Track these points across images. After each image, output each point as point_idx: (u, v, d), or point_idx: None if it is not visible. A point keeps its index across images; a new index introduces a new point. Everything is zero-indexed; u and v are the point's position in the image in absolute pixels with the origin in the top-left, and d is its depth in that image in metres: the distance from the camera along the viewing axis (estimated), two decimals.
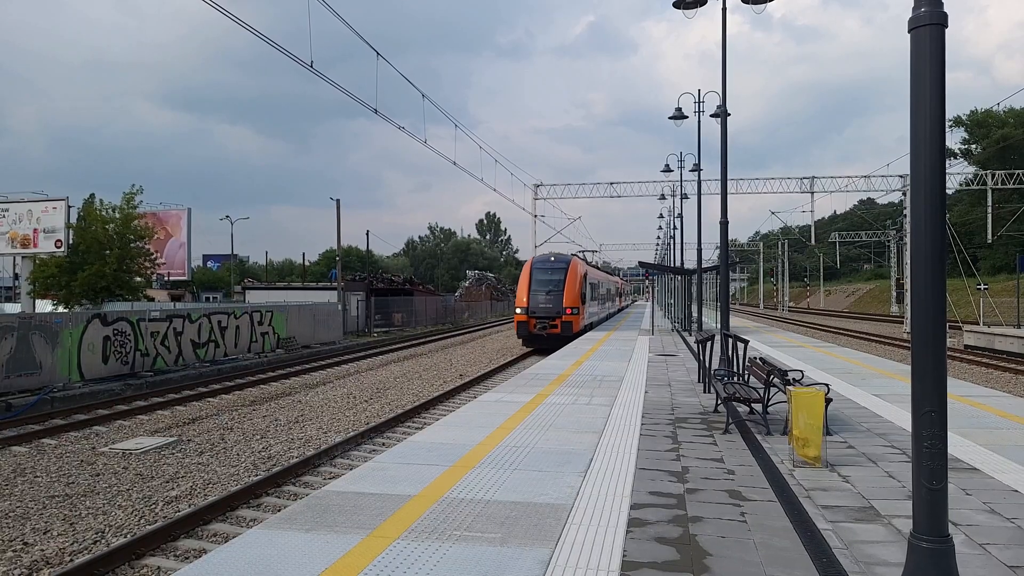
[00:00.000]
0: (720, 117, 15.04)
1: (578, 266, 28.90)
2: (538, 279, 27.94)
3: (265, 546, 4.80)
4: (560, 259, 29.21)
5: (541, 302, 27.04)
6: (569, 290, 27.19)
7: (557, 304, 26.91)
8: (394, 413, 14.76)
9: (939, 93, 3.39)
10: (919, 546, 3.44)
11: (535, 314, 26.85)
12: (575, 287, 27.51)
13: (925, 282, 3.44)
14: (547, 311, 26.90)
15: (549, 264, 28.81)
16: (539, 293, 27.31)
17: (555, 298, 27.00)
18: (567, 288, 27.20)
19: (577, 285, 27.64)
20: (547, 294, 27.21)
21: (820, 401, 7.05)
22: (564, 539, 4.95)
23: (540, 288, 27.52)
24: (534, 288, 27.56)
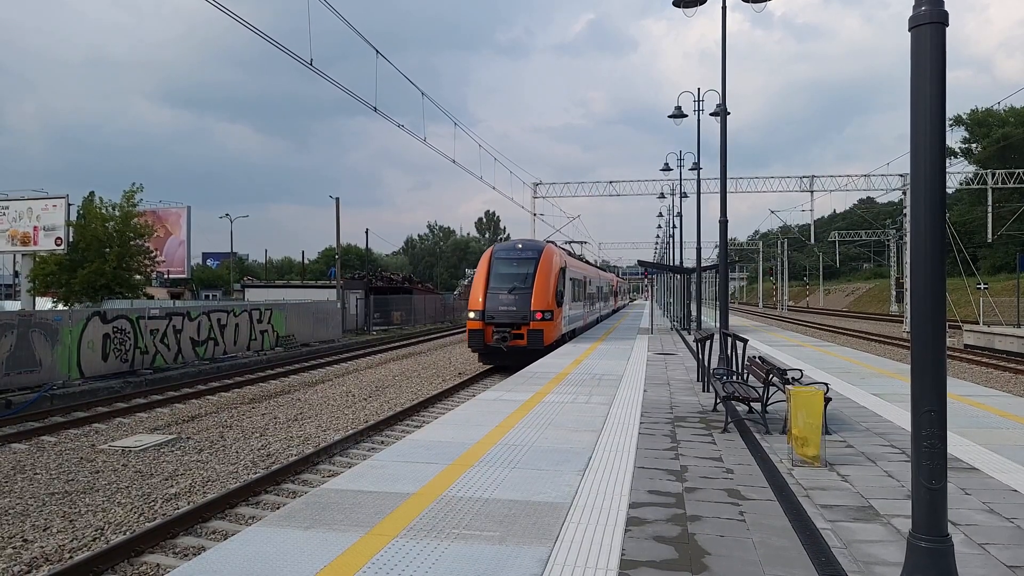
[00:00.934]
0: (720, 116, 15.03)
1: (553, 256, 22.24)
2: (499, 273, 21.59)
3: (264, 544, 4.80)
4: (530, 247, 22.64)
5: (502, 304, 20.70)
6: (540, 288, 20.84)
7: (523, 306, 20.47)
8: (393, 411, 14.76)
9: (939, 92, 3.39)
10: (918, 545, 3.44)
11: (493, 320, 20.43)
12: (548, 284, 21.16)
13: (925, 281, 3.44)
14: (509, 316, 20.41)
15: (514, 254, 22.26)
16: (499, 292, 20.98)
17: (521, 298, 20.67)
18: (538, 285, 20.88)
19: (551, 281, 21.31)
20: (510, 293, 20.83)
21: (819, 400, 7.05)
22: (563, 537, 4.95)
23: (501, 285, 21.21)
24: (493, 286, 21.20)
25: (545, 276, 21.21)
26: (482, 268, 21.97)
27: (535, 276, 21.05)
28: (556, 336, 21.47)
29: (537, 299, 20.59)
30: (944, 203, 3.47)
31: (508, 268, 21.80)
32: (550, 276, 21.38)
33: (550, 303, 20.88)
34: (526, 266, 21.56)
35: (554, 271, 21.68)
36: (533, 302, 20.54)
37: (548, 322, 20.61)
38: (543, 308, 20.54)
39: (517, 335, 20.27)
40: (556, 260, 22.32)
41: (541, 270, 21.27)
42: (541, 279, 21.05)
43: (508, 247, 23.03)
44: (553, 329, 21.02)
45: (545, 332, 20.37)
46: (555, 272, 21.73)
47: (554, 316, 21.01)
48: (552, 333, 20.91)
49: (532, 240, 24.89)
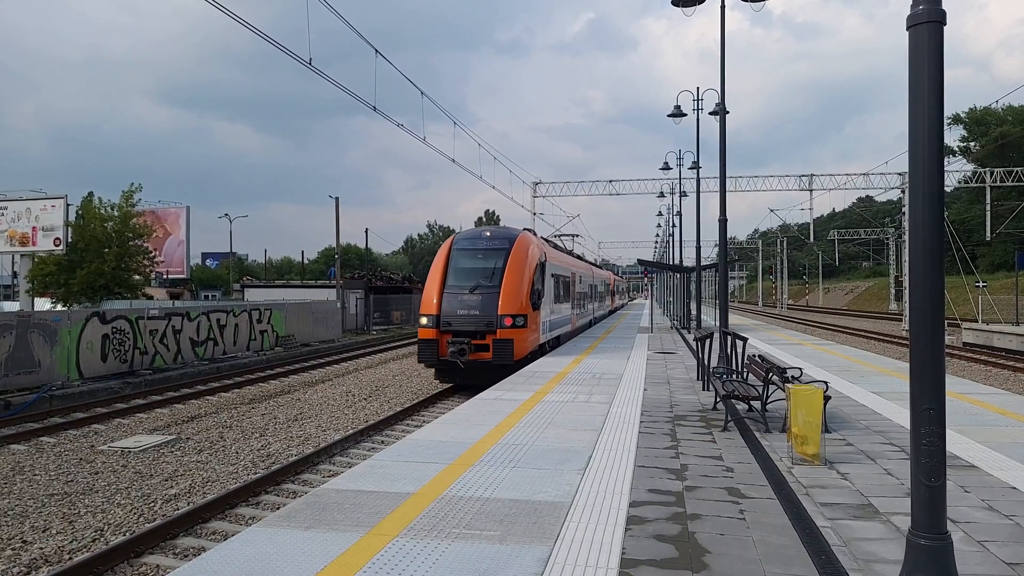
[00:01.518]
0: (719, 115, 15.04)
1: (529, 248, 18.04)
2: (460, 268, 17.56)
3: (264, 544, 4.80)
4: (499, 235, 18.44)
5: (462, 306, 16.61)
6: (511, 286, 16.75)
7: (488, 309, 16.42)
8: (393, 411, 14.76)
9: (938, 90, 3.39)
10: (917, 543, 3.45)
11: (450, 327, 16.38)
12: (522, 281, 17.02)
13: (923, 280, 3.44)
14: (471, 321, 16.39)
15: (480, 244, 18.17)
16: (459, 292, 16.88)
17: (486, 300, 16.58)
18: (508, 283, 16.78)
19: (526, 278, 17.18)
20: (473, 293, 16.79)
21: (819, 399, 7.06)
22: (563, 537, 4.95)
23: (462, 283, 17.13)
24: (452, 284, 17.16)
25: (518, 271, 17.04)
26: (439, 261, 17.75)
27: (505, 271, 16.92)
28: (532, 346, 17.38)
29: (507, 300, 16.47)
30: (942, 201, 3.48)
31: (471, 261, 17.68)
32: (524, 271, 17.20)
33: (524, 305, 16.74)
34: (494, 259, 17.41)
35: (530, 265, 17.57)
36: (502, 304, 16.38)
37: (520, 329, 16.37)
38: (514, 312, 16.40)
39: (480, 346, 16.21)
40: (533, 252, 18.12)
41: (513, 264, 17.13)
42: (513, 275, 16.89)
43: (472, 235, 18.77)
44: (527, 338, 16.88)
45: (516, 342, 16.20)
46: (531, 266, 17.63)
47: (529, 321, 16.82)
48: (526, 343, 16.83)
49: (503, 227, 20.04)
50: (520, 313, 16.59)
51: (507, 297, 16.58)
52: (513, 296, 16.67)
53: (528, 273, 17.39)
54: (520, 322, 16.50)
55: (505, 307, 16.45)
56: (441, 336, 16.43)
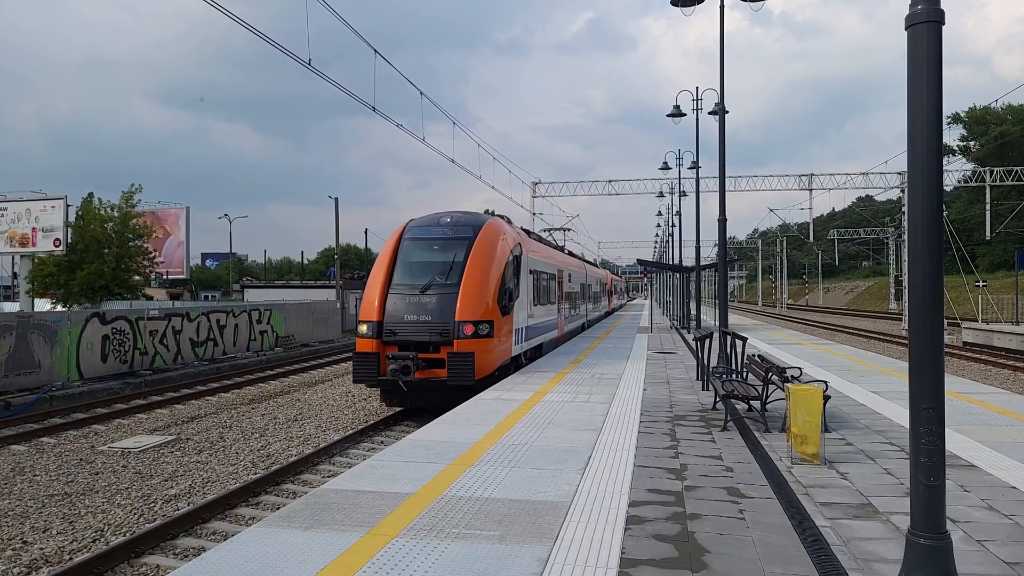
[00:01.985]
0: (718, 115, 15.04)
1: (500, 238, 14.73)
2: (410, 262, 14.33)
3: (264, 544, 4.80)
4: (462, 222, 14.97)
5: (410, 311, 13.39)
6: (474, 285, 13.54)
7: (443, 314, 13.22)
8: (393, 411, 14.76)
9: (936, 90, 3.39)
10: (917, 543, 3.45)
11: (395, 336, 13.19)
12: (489, 279, 13.84)
13: (923, 279, 3.44)
14: (421, 330, 13.20)
15: (437, 232, 14.86)
16: (407, 293, 13.65)
17: (441, 302, 13.39)
18: (470, 281, 13.54)
19: (494, 275, 14.00)
20: (424, 294, 13.53)
21: (818, 398, 7.06)
22: (563, 537, 4.95)
23: (411, 281, 13.89)
24: (399, 283, 13.92)
25: (483, 267, 13.77)
26: (385, 255, 14.53)
27: (466, 267, 13.65)
28: (501, 359, 14.05)
29: (467, 303, 13.19)
30: (941, 200, 3.48)
31: (425, 253, 14.42)
32: (492, 267, 13.91)
33: (490, 309, 13.47)
34: (453, 250, 14.11)
35: (500, 259, 14.27)
36: (461, 307, 13.11)
37: (484, 340, 13.14)
38: (477, 317, 13.14)
39: (432, 361, 12.89)
40: (505, 244, 14.77)
41: (477, 257, 13.84)
42: (476, 271, 13.63)
43: (428, 222, 15.19)
44: (494, 350, 13.57)
45: (479, 356, 12.84)
46: (501, 261, 14.32)
47: (496, 329, 13.59)
48: (492, 356, 13.51)
49: (468, 212, 15.85)
50: (484, 319, 13.23)
51: (468, 299, 13.23)
52: (476, 297, 13.33)
53: (497, 269, 14.04)
54: (484, 330, 13.17)
55: (465, 311, 13.09)
56: (384, 348, 13.08)
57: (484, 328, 13.23)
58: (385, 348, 13.16)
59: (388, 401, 14.20)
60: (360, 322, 13.68)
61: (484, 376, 13.20)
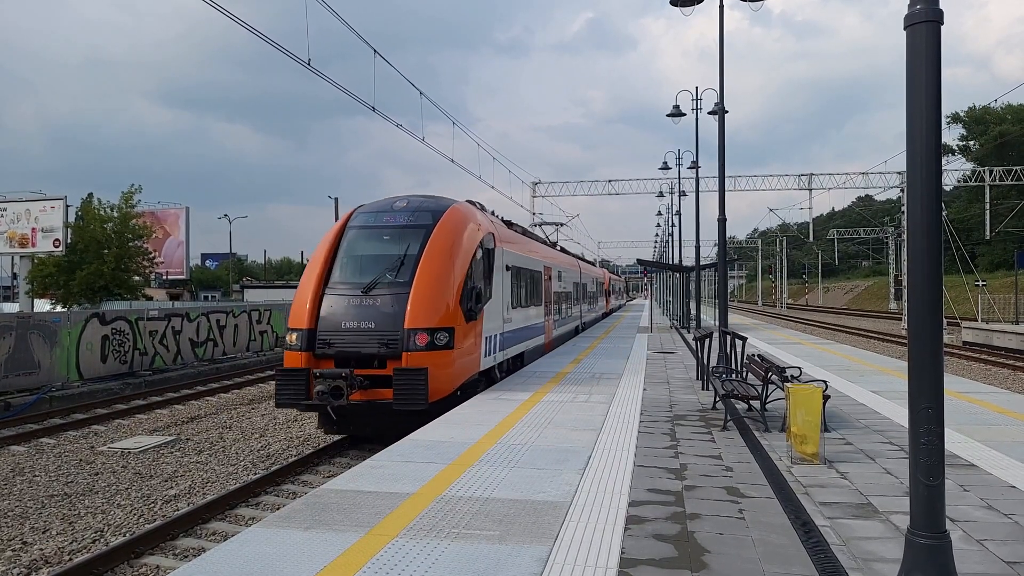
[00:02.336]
0: (718, 115, 15.05)
1: (466, 226, 12.24)
2: (353, 255, 11.96)
3: (264, 544, 4.80)
4: (419, 207, 12.37)
5: (349, 316, 11.03)
6: (431, 283, 11.15)
7: (391, 320, 10.86)
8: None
9: (935, 90, 3.39)
10: (916, 542, 3.45)
11: (330, 348, 10.84)
12: (450, 275, 11.41)
13: (922, 279, 3.44)
14: (362, 339, 10.84)
15: (388, 220, 12.26)
16: (348, 293, 11.28)
17: (389, 305, 11.01)
18: (425, 277, 11.15)
19: (456, 270, 11.53)
20: (369, 295, 11.11)
21: (818, 398, 7.06)
22: (562, 537, 4.95)
23: (352, 279, 11.53)
24: (338, 281, 11.58)
25: (442, 261, 11.23)
26: (323, 248, 11.89)
27: (421, 261, 11.12)
28: (466, 374, 11.49)
29: (421, 305, 10.69)
30: (940, 200, 3.48)
31: (372, 245, 11.94)
32: (454, 261, 11.39)
33: (450, 313, 10.98)
34: (406, 241, 11.60)
35: (465, 252, 11.69)
36: (412, 311, 10.62)
37: (442, 352, 10.65)
38: (433, 323, 10.67)
39: (377, 379, 10.43)
40: (472, 234, 12.14)
41: (436, 249, 11.29)
42: (434, 266, 11.10)
43: (379, 207, 12.57)
44: (455, 363, 10.99)
45: (435, 371, 10.32)
46: (467, 254, 11.73)
47: (460, 338, 11.07)
48: (453, 371, 10.95)
49: (430, 197, 13.02)
50: (442, 325, 10.73)
51: (422, 301, 10.71)
52: (432, 299, 10.82)
53: (460, 264, 11.44)
54: (443, 339, 10.66)
55: (418, 316, 10.57)
56: (318, 363, 10.63)
57: (442, 337, 10.71)
58: (319, 363, 10.65)
59: (326, 427, 11.48)
60: (288, 330, 11.18)
61: (444, 396, 10.66)
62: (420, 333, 10.57)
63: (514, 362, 15.41)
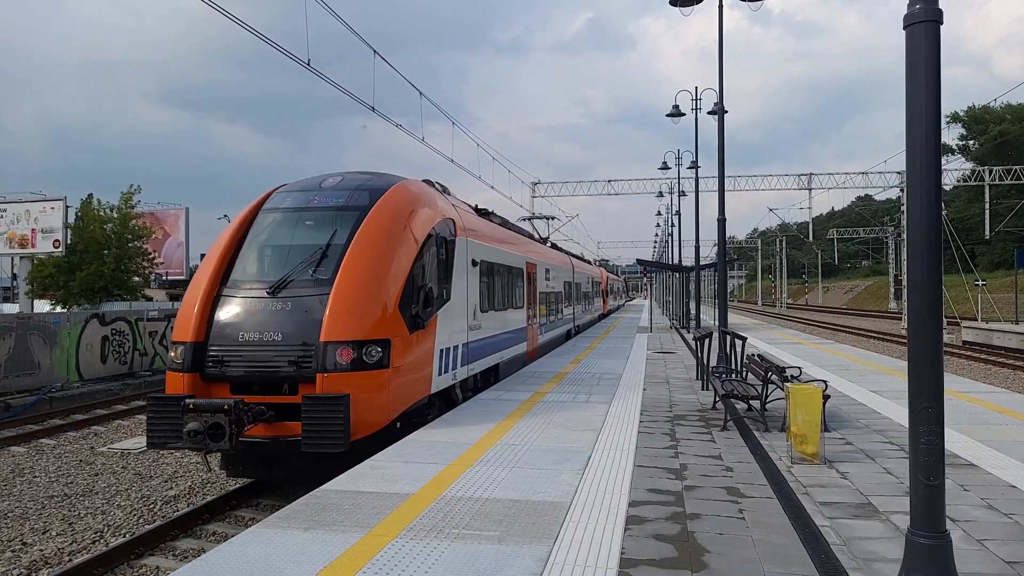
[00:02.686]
0: (717, 115, 15.05)
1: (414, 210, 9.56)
2: (264, 246, 9.43)
3: (264, 545, 4.80)
4: (353, 186, 9.70)
5: (251, 326, 8.22)
6: (359, 281, 8.38)
7: (304, 330, 8.09)
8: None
9: (934, 89, 3.39)
10: (916, 542, 3.45)
11: (225, 368, 8.16)
12: (386, 270, 8.61)
13: (922, 278, 3.44)
14: (267, 356, 8.07)
15: (314, 201, 9.63)
16: (250, 295, 8.55)
17: (302, 311, 8.25)
18: (353, 274, 8.38)
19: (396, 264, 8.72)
20: (276, 296, 8.42)
21: (818, 398, 7.06)
22: (562, 537, 4.95)
23: (258, 278, 8.90)
24: (240, 279, 8.91)
25: (377, 252, 8.70)
26: (224, 238, 9.40)
27: (347, 254, 8.57)
28: (410, 399, 8.91)
29: (344, 310, 8.19)
30: (940, 200, 3.48)
31: (288, 234, 9.42)
32: (394, 252, 8.83)
33: (388, 320, 8.46)
34: (333, 227, 9.12)
35: (410, 241, 9.14)
36: (331, 319, 8.10)
37: (374, 372, 8.19)
38: (362, 335, 8.17)
39: (283, 409, 7.99)
40: (424, 218, 9.65)
41: (369, 237, 8.75)
42: (364, 259, 8.57)
43: (305, 186, 10.03)
44: (392, 386, 8.43)
45: (364, 398, 7.95)
46: (414, 244, 9.19)
47: (399, 352, 8.50)
48: (388, 396, 8.40)
49: (373, 174, 10.47)
50: (375, 337, 8.14)
51: (346, 303, 8.12)
52: (361, 301, 8.23)
53: (403, 256, 8.79)
54: (375, 355, 8.09)
55: (339, 324, 7.99)
56: (208, 388, 8.17)
57: (374, 352, 8.05)
58: (209, 388, 8.09)
59: (228, 468, 8.77)
60: (173, 342, 8.46)
61: (377, 429, 8.07)
62: (342, 348, 7.87)
63: (486, 376, 12.94)
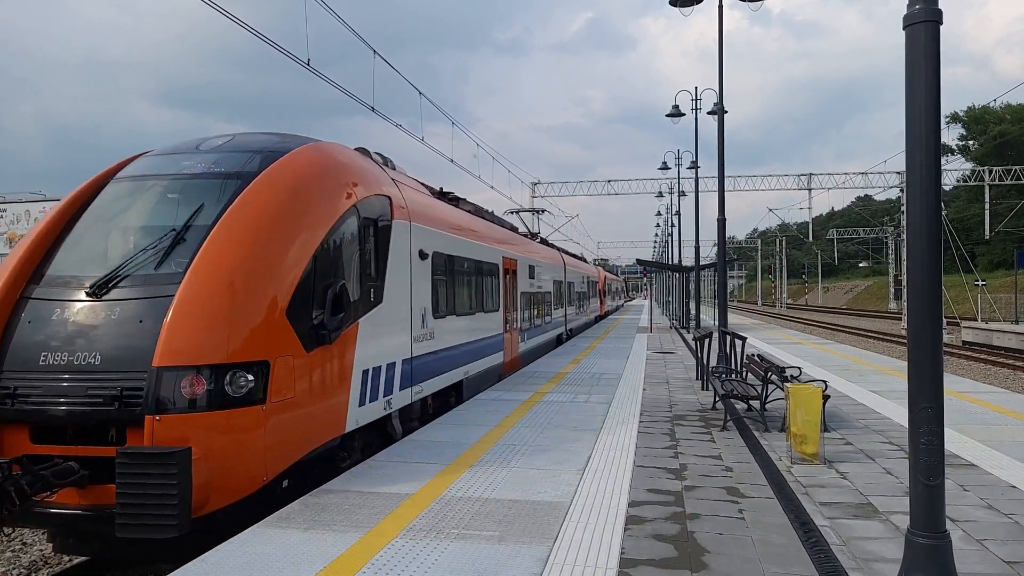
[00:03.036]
0: (717, 115, 15.05)
1: (319, 177, 6.85)
2: (105, 225, 6.59)
3: (263, 544, 4.79)
4: (242, 146, 7.01)
5: (59, 343, 5.51)
6: (219, 277, 5.61)
7: (132, 350, 5.37)
8: None
9: (934, 90, 3.39)
10: (916, 542, 3.45)
11: (18, 404, 5.32)
12: (271, 261, 5.93)
13: (922, 278, 3.44)
14: (75, 391, 5.27)
15: (187, 166, 6.79)
16: (65, 300, 5.78)
17: (134, 320, 5.52)
18: (212, 268, 5.65)
19: (292, 255, 6.10)
20: (103, 300, 5.68)
21: (818, 398, 7.06)
22: (562, 537, 4.95)
23: (79, 273, 6.01)
24: (58, 275, 6.07)
25: (250, 238, 6.01)
26: (54, 215, 6.70)
27: (208, 238, 5.94)
28: (310, 444, 6.32)
29: (191, 321, 5.48)
30: (940, 200, 3.48)
31: (138, 210, 6.74)
32: (283, 238, 6.22)
33: (266, 336, 5.78)
34: (198, 202, 6.46)
35: (313, 223, 6.56)
36: (171, 334, 5.38)
37: (243, 410, 5.49)
38: (219, 357, 5.45)
39: (102, 466, 5.22)
40: (335, 193, 7.06)
41: (242, 216, 6.12)
42: (231, 247, 5.89)
43: (179, 149, 7.36)
44: (273, 429, 5.70)
45: (225, 449, 5.39)
46: (319, 226, 6.61)
47: (283, 379, 5.84)
48: (267, 445, 5.65)
49: (267, 135, 7.59)
50: (244, 359, 5.63)
51: (197, 307, 5.62)
52: (222, 304, 5.69)
53: (298, 242, 6.38)
54: (246, 385, 5.61)
55: (182, 340, 5.47)
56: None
57: (242, 380, 5.60)
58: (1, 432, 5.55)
59: (57, 542, 6.55)
60: None
61: (242, 498, 5.63)
62: (187, 375, 5.39)
63: (445, 396, 10.56)
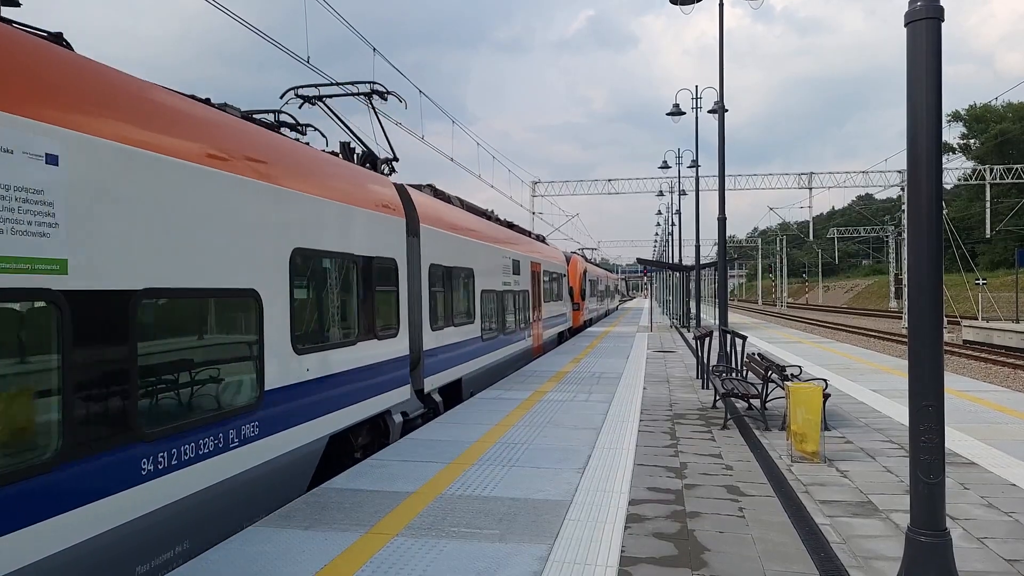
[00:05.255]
0: (717, 113, 15.04)
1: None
2: None
3: (264, 543, 4.80)
4: None
5: None
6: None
7: None
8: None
9: (935, 87, 3.39)
10: (916, 540, 3.45)
11: None
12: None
13: (922, 277, 3.44)
14: None
15: None
16: None
17: None
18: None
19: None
20: None
21: (818, 396, 7.06)
22: (563, 535, 4.95)
23: None
24: None
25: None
26: None
27: None
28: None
29: None
30: (941, 199, 3.48)
31: None
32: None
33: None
34: None
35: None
36: None
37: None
38: None
39: None
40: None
41: None
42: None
43: None
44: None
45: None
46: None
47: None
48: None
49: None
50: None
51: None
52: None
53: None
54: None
55: None
56: None
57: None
58: None
59: None
60: None
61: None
62: None
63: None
